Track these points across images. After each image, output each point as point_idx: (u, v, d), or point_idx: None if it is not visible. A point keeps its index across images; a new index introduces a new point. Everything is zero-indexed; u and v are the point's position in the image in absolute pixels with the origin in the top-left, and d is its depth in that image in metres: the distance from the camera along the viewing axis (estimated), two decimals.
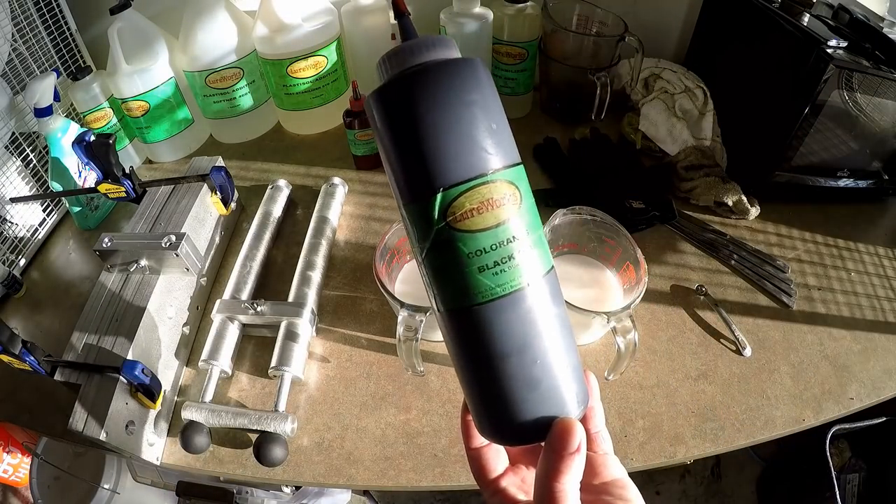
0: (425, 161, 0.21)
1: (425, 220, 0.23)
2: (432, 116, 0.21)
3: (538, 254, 0.24)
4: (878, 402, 0.56)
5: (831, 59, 0.60)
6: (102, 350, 0.53)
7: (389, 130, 0.22)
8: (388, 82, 0.22)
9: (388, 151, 0.23)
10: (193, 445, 0.52)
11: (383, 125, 0.22)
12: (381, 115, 0.22)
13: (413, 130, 0.21)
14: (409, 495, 1.26)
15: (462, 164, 0.21)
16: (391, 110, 0.22)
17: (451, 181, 0.21)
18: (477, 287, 0.22)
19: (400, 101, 0.21)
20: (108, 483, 0.91)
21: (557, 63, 0.83)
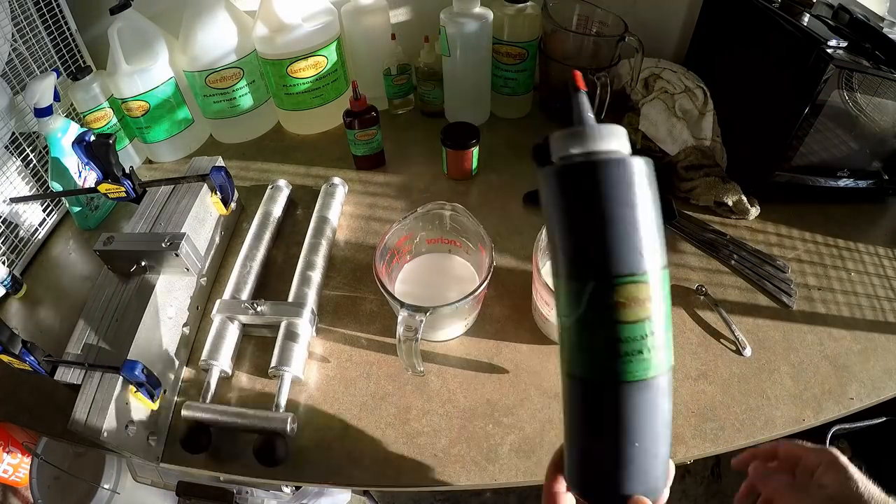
0: (594, 249, 0.23)
1: (578, 299, 0.24)
2: (610, 211, 0.22)
3: (667, 350, 0.25)
4: (878, 402, 0.56)
5: (831, 59, 0.60)
6: (102, 350, 0.53)
7: (566, 212, 0.24)
8: (571, 166, 0.24)
9: (560, 229, 0.25)
10: (193, 445, 0.52)
11: (561, 205, 0.24)
12: (560, 195, 0.24)
13: (588, 219, 0.23)
14: (409, 495, 1.26)
15: (625, 260, 0.23)
16: (571, 194, 0.24)
17: (613, 273, 0.23)
18: (609, 369, 0.24)
19: (581, 189, 0.23)
20: (108, 483, 0.91)
21: (557, 63, 0.83)
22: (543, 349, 0.60)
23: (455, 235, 0.62)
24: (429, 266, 0.65)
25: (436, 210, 0.59)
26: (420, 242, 0.63)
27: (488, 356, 0.59)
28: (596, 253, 0.23)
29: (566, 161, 0.25)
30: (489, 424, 0.54)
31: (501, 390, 0.56)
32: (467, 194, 0.79)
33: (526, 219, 0.74)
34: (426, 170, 0.83)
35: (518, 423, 0.54)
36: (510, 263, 0.68)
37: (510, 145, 0.86)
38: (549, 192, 0.25)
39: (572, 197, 0.24)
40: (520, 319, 0.62)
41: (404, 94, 0.92)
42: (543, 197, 0.25)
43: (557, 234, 0.24)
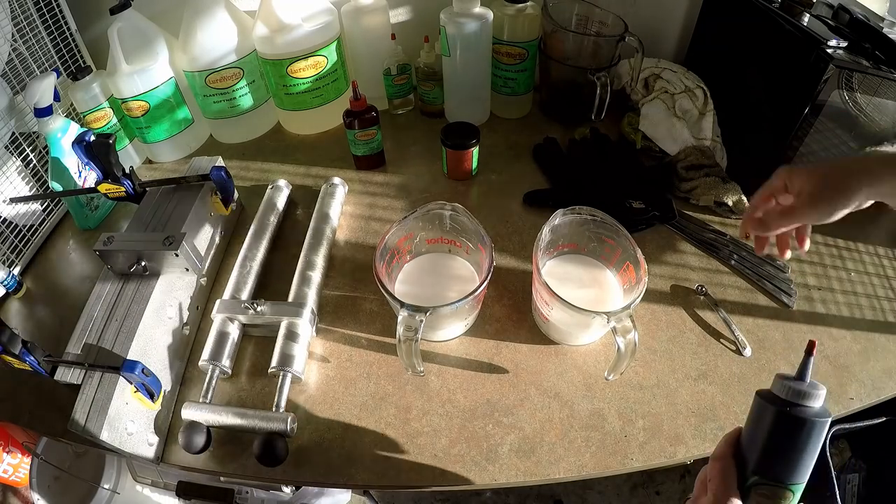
0: (791, 466, 0.35)
1: (770, 493, 0.35)
2: (806, 448, 0.34)
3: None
4: (878, 402, 0.56)
5: (831, 59, 0.60)
6: (102, 350, 0.53)
7: (777, 440, 0.35)
8: (795, 417, 0.34)
9: (766, 445, 0.35)
10: (193, 445, 0.52)
11: (775, 432, 0.35)
12: (777, 426, 0.35)
13: (791, 449, 0.34)
14: (409, 495, 1.26)
15: (797, 476, 0.35)
16: (785, 430, 0.35)
17: (789, 482, 0.35)
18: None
19: (794, 431, 0.34)
20: (108, 483, 0.91)
21: (557, 63, 0.83)
22: (543, 349, 0.60)
23: (455, 235, 0.62)
24: (429, 266, 0.65)
25: (436, 210, 0.59)
26: (420, 242, 0.63)
27: (488, 356, 0.59)
28: (786, 469, 0.35)
29: (792, 408, 0.34)
30: (489, 424, 0.54)
31: (501, 390, 0.56)
32: (467, 194, 0.79)
33: (526, 219, 0.74)
34: (426, 170, 0.83)
35: (518, 423, 0.54)
36: (510, 263, 0.68)
37: (510, 145, 0.86)
38: (768, 422, 0.35)
39: (789, 435, 0.34)
40: (520, 319, 0.62)
41: (404, 94, 0.92)
42: (759, 419, 0.36)
43: (776, 452, 0.35)
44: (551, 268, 0.63)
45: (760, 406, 0.36)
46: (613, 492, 1.23)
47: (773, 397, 0.35)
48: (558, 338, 0.60)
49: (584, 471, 0.51)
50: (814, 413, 0.34)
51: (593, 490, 1.23)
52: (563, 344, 0.60)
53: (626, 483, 1.24)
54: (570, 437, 0.53)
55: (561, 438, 0.53)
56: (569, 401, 0.55)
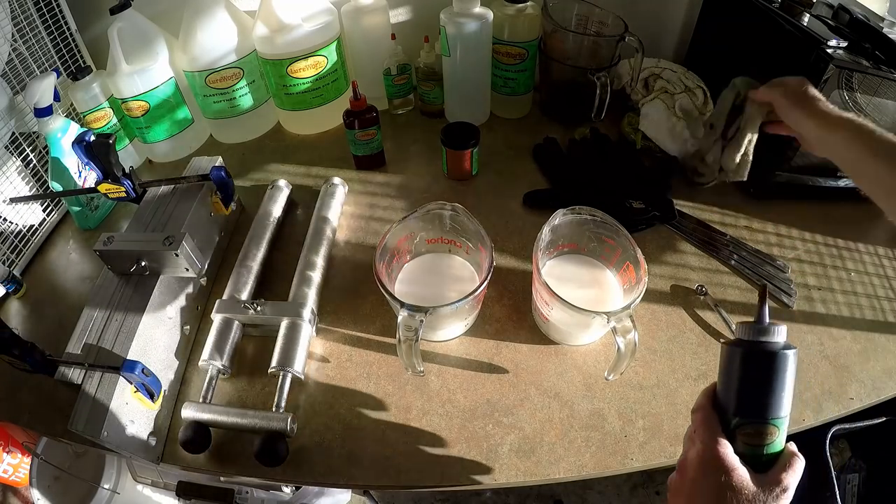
0: (768, 401, 0.36)
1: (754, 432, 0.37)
2: (778, 381, 0.35)
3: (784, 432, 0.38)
4: (878, 402, 0.56)
5: (831, 59, 0.60)
6: (102, 350, 0.53)
7: (748, 378, 0.37)
8: (760, 352, 0.36)
9: (740, 386, 0.37)
10: (194, 445, 0.52)
11: (745, 371, 0.37)
12: (746, 365, 0.37)
13: (762, 384, 0.36)
14: (409, 495, 1.26)
15: (775, 411, 0.36)
16: (754, 367, 0.36)
17: (768, 417, 0.36)
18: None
19: (761, 366, 0.36)
20: (108, 483, 0.91)
21: (557, 63, 0.83)
22: (543, 349, 0.60)
23: (455, 235, 0.62)
24: (429, 266, 0.65)
25: (436, 210, 0.59)
26: (420, 242, 0.63)
27: (488, 356, 0.59)
28: (762, 405, 0.36)
29: (757, 345, 0.36)
30: (489, 424, 0.54)
31: (501, 390, 0.56)
32: (467, 194, 0.79)
33: (526, 219, 0.74)
34: (426, 170, 0.83)
35: (518, 423, 0.54)
36: (510, 263, 0.68)
37: (510, 145, 0.86)
38: (737, 363, 0.37)
39: (757, 370, 0.36)
40: (520, 319, 0.62)
41: (404, 94, 0.92)
42: (729, 364, 0.38)
43: (743, 390, 0.37)
44: (551, 268, 0.63)
45: (729, 352, 0.38)
46: (613, 492, 1.23)
47: (738, 341, 0.37)
48: (558, 338, 0.60)
49: (584, 471, 0.51)
50: (779, 347, 0.36)
51: (593, 490, 1.23)
52: (563, 344, 0.60)
53: (626, 483, 1.25)
54: (570, 437, 0.53)
55: (561, 438, 0.53)
56: (569, 401, 0.55)
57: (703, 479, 0.36)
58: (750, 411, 0.37)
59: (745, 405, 0.37)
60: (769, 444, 0.36)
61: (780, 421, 0.36)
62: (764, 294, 0.38)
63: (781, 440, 0.37)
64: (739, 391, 0.37)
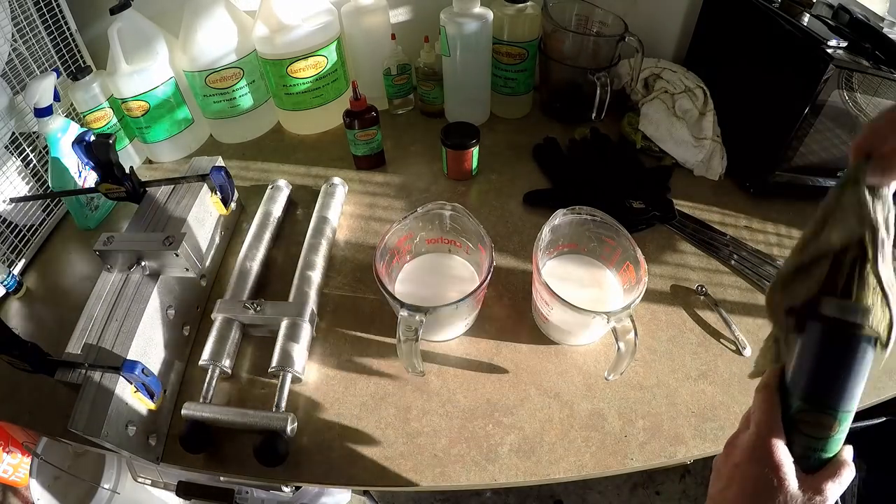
0: (839, 389, 0.33)
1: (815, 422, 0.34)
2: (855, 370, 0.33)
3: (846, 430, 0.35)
4: (878, 402, 0.56)
5: (831, 59, 0.60)
6: (102, 350, 0.53)
7: (830, 359, 0.34)
8: (852, 335, 0.33)
9: (817, 366, 0.34)
10: (193, 445, 0.52)
11: (829, 352, 0.34)
12: (832, 345, 0.34)
13: (842, 369, 0.33)
14: (409, 495, 1.26)
15: (848, 401, 0.33)
16: (840, 348, 0.33)
17: (840, 409, 0.33)
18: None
19: (848, 349, 0.33)
20: (108, 483, 0.91)
21: (557, 63, 0.83)
22: (543, 349, 0.60)
23: (455, 235, 0.62)
24: (429, 266, 0.65)
25: (436, 210, 0.59)
26: (420, 242, 0.63)
27: (488, 356, 0.59)
28: (834, 391, 0.33)
29: (850, 328, 0.33)
30: (489, 424, 0.54)
31: (501, 390, 0.56)
32: (467, 194, 0.79)
33: (526, 219, 0.74)
34: (426, 170, 0.83)
35: (518, 423, 0.54)
36: (510, 263, 0.68)
37: (510, 145, 0.86)
38: (816, 340, 0.34)
39: (843, 353, 0.33)
40: (520, 319, 0.62)
41: (404, 94, 0.92)
42: (813, 340, 0.34)
43: (812, 365, 0.34)
44: (551, 268, 0.63)
45: (819, 329, 0.34)
46: (613, 492, 1.23)
47: (831, 319, 0.34)
48: (558, 338, 0.60)
49: (584, 471, 0.51)
50: (864, 336, 0.33)
51: (593, 490, 1.23)
52: (563, 344, 0.60)
53: (626, 483, 1.25)
54: (570, 437, 0.53)
55: (561, 438, 0.53)
56: (569, 401, 0.55)
57: (748, 467, 0.34)
58: (819, 396, 0.34)
59: (816, 387, 0.34)
60: (827, 440, 0.34)
61: (845, 415, 0.33)
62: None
63: (840, 439, 0.34)
64: (815, 371, 0.34)
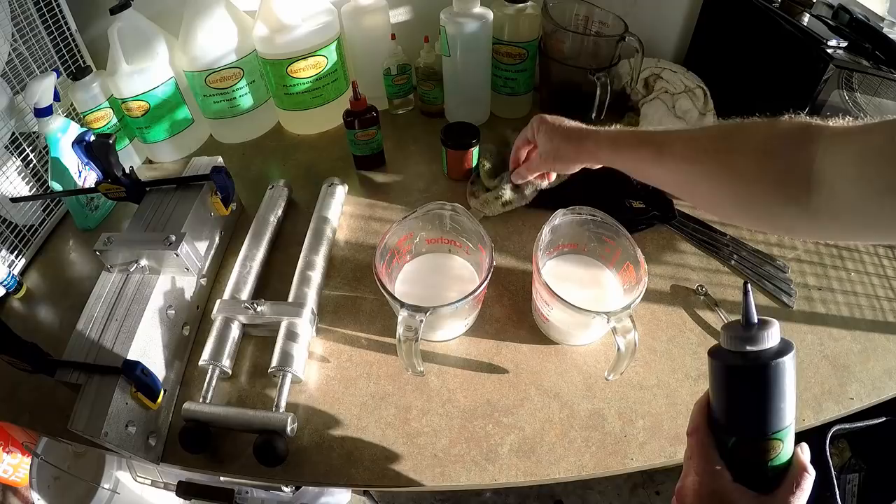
0: (765, 417, 0.32)
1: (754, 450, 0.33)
2: (774, 394, 0.31)
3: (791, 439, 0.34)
4: (878, 402, 0.56)
5: (831, 59, 0.60)
6: (102, 350, 0.53)
7: (738, 395, 0.33)
8: (748, 367, 0.32)
9: (730, 405, 0.33)
10: (193, 445, 0.52)
11: (733, 388, 0.33)
12: (732, 381, 0.33)
13: (755, 400, 0.32)
14: (409, 495, 1.26)
15: (774, 425, 0.32)
16: (742, 383, 0.32)
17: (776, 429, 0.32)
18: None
19: (751, 381, 0.32)
20: (108, 483, 0.91)
21: (557, 63, 0.83)
22: (543, 349, 0.60)
23: (455, 235, 0.62)
24: (429, 266, 0.65)
25: (436, 210, 0.59)
26: (420, 242, 0.63)
27: (488, 356, 0.59)
28: (759, 422, 0.32)
29: (738, 358, 0.32)
30: (489, 424, 0.54)
31: (501, 390, 0.56)
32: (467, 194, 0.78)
33: (526, 219, 0.74)
34: (426, 170, 0.83)
35: (518, 423, 0.54)
36: (510, 263, 0.68)
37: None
38: (723, 380, 0.33)
39: (747, 386, 0.32)
40: (520, 319, 0.62)
41: (404, 94, 0.92)
42: (715, 379, 0.34)
43: (736, 407, 0.33)
44: (551, 268, 0.63)
45: (712, 366, 0.33)
46: (613, 492, 1.23)
47: (721, 352, 0.33)
48: (558, 338, 0.60)
49: (584, 471, 0.51)
50: (770, 355, 0.31)
51: (593, 490, 1.23)
52: (563, 344, 0.60)
53: (626, 483, 1.25)
54: (570, 437, 0.53)
55: (561, 438, 0.53)
56: (569, 401, 0.55)
57: None
58: (746, 430, 0.33)
59: (738, 424, 0.33)
60: (773, 459, 0.33)
61: (782, 433, 0.32)
62: (747, 291, 0.33)
63: (788, 449, 0.33)
64: (729, 410, 0.33)
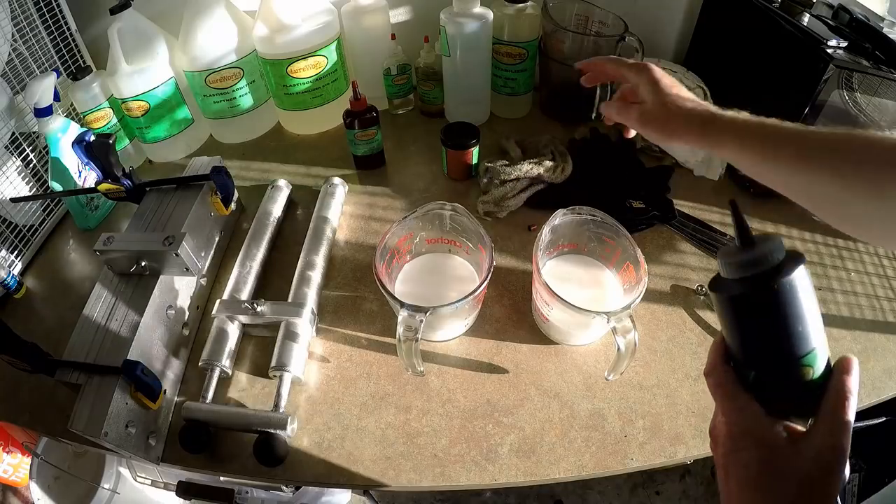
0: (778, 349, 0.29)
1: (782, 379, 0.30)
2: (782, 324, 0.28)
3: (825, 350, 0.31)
4: (878, 402, 0.56)
5: (831, 59, 0.60)
6: (102, 350, 0.53)
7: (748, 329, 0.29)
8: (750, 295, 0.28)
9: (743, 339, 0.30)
10: (193, 445, 0.52)
11: (741, 321, 0.29)
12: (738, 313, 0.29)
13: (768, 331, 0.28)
14: (409, 495, 1.26)
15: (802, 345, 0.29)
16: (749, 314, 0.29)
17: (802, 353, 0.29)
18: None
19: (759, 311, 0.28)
20: (108, 483, 0.91)
21: (557, 63, 0.83)
22: (543, 349, 0.60)
23: (455, 235, 0.62)
24: (429, 266, 0.65)
25: (436, 210, 0.59)
26: (420, 242, 0.63)
27: (488, 356, 0.59)
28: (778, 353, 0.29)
29: (739, 286, 0.28)
30: (489, 424, 0.54)
31: (501, 390, 0.56)
32: (467, 194, 0.78)
33: (526, 219, 0.74)
34: (426, 170, 0.83)
35: (518, 423, 0.54)
36: (510, 263, 0.68)
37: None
38: (730, 314, 0.30)
39: (755, 317, 0.28)
40: (520, 319, 0.62)
41: (404, 94, 0.92)
42: (722, 315, 0.30)
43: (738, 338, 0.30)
44: (551, 268, 0.63)
45: (715, 300, 0.29)
46: (613, 492, 1.23)
47: (721, 283, 0.29)
48: (558, 338, 0.60)
49: (584, 471, 0.51)
50: (775, 275, 0.27)
51: (593, 490, 1.23)
52: (563, 344, 0.60)
53: (626, 483, 1.25)
54: (570, 437, 0.53)
55: (561, 438, 0.53)
56: (569, 401, 0.55)
57: (737, 455, 0.30)
58: (764, 362, 0.29)
59: (755, 357, 0.29)
60: (803, 388, 0.29)
61: (809, 358, 0.28)
62: (735, 208, 0.28)
63: (821, 367, 0.29)
64: (743, 343, 0.29)
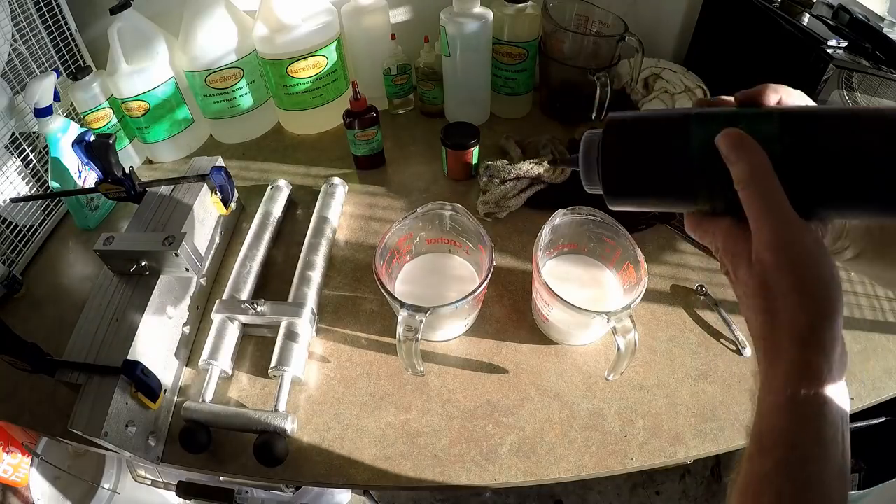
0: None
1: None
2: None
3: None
4: (878, 402, 0.56)
5: (831, 59, 0.60)
6: (102, 350, 0.53)
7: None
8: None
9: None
10: (193, 445, 0.52)
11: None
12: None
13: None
14: (409, 495, 1.26)
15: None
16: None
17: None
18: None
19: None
20: (108, 483, 0.91)
21: (557, 63, 0.83)
22: (543, 349, 0.60)
23: (455, 235, 0.62)
24: (429, 266, 0.65)
25: (436, 210, 0.59)
26: (420, 242, 0.63)
27: (488, 356, 0.59)
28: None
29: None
30: (489, 424, 0.54)
31: (501, 390, 0.56)
32: (467, 194, 0.78)
33: (526, 219, 0.74)
34: (426, 170, 0.83)
35: (518, 423, 0.54)
36: (510, 263, 0.68)
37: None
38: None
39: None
40: (519, 319, 0.62)
41: (404, 94, 0.92)
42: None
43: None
44: (551, 268, 0.63)
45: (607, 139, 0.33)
46: (613, 492, 1.23)
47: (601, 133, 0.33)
48: (558, 338, 0.60)
49: (584, 471, 0.51)
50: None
51: (593, 490, 1.23)
52: (563, 344, 0.60)
53: (626, 483, 1.25)
54: (570, 437, 0.53)
55: (561, 438, 0.53)
56: (569, 401, 0.55)
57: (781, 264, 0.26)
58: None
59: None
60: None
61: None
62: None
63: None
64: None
